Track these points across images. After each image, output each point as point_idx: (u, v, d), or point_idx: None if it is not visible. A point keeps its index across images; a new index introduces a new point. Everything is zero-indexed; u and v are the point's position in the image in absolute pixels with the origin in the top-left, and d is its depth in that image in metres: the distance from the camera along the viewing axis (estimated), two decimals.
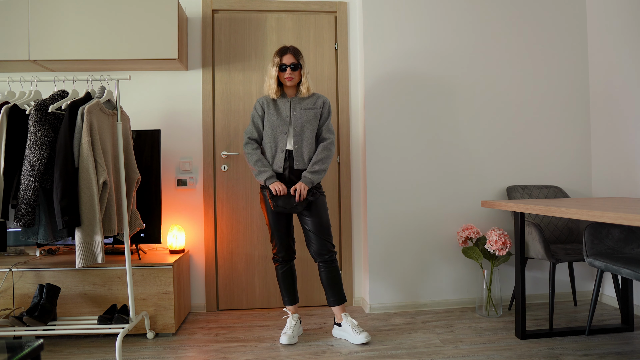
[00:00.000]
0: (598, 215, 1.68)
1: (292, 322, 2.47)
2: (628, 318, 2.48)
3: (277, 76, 2.42)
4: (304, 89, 2.44)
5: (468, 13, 3.06)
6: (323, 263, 2.42)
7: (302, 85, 2.44)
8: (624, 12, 2.85)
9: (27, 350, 0.95)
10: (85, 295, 2.48)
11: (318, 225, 2.40)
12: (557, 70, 3.14)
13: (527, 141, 3.11)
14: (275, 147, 2.43)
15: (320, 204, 2.42)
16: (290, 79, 2.40)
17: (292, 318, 2.48)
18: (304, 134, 2.42)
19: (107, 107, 2.37)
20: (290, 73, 2.40)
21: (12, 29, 2.61)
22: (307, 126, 2.43)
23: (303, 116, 2.43)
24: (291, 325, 2.45)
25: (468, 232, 2.82)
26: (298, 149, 2.42)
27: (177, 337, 2.52)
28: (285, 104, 2.45)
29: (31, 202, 2.07)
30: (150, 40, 2.67)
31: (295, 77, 2.42)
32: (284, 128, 2.42)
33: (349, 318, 2.44)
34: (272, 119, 2.43)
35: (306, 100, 2.46)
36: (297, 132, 2.42)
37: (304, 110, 2.44)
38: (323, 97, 2.51)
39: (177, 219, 3.01)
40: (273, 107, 2.46)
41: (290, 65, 2.39)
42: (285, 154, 2.41)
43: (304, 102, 2.46)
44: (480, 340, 2.40)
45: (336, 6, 3.11)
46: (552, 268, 2.52)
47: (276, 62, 2.41)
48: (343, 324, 2.44)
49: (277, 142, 2.42)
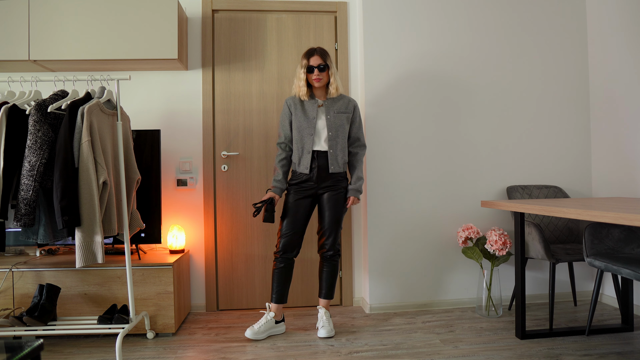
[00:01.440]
0: (598, 215, 1.68)
1: (264, 319, 2.47)
2: (628, 318, 2.48)
3: (305, 78, 2.48)
4: (333, 89, 2.49)
5: (468, 13, 3.06)
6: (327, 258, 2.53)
7: (331, 86, 2.49)
8: (624, 13, 2.85)
9: (27, 350, 0.95)
10: (85, 295, 2.48)
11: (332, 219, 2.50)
12: (557, 70, 3.14)
13: (527, 141, 3.11)
14: (302, 149, 2.48)
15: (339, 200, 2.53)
16: (318, 80, 2.45)
17: (267, 315, 2.48)
18: (339, 137, 2.49)
19: (107, 107, 2.37)
20: (318, 74, 2.45)
21: (12, 29, 2.61)
22: (340, 130, 2.50)
23: (337, 120, 2.49)
24: (261, 322, 2.46)
25: (468, 232, 2.82)
26: (333, 153, 2.48)
27: (177, 337, 2.52)
28: (312, 105, 2.50)
29: (31, 202, 2.07)
30: (150, 40, 2.67)
31: (323, 78, 2.47)
32: (310, 129, 2.47)
33: (322, 311, 2.54)
34: (299, 120, 2.49)
35: (338, 103, 2.52)
36: (332, 137, 2.48)
37: (337, 114, 2.50)
38: (354, 101, 2.60)
39: (177, 219, 3.01)
40: (301, 108, 2.51)
41: (318, 67, 2.44)
42: (312, 154, 2.47)
43: (336, 105, 2.51)
44: (480, 340, 2.40)
45: (336, 6, 3.11)
46: (552, 268, 2.52)
47: (304, 64, 2.46)
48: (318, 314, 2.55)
49: (303, 144, 2.48)
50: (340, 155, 2.50)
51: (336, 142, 2.49)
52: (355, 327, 2.65)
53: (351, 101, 2.57)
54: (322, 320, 2.51)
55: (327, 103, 2.51)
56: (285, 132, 2.54)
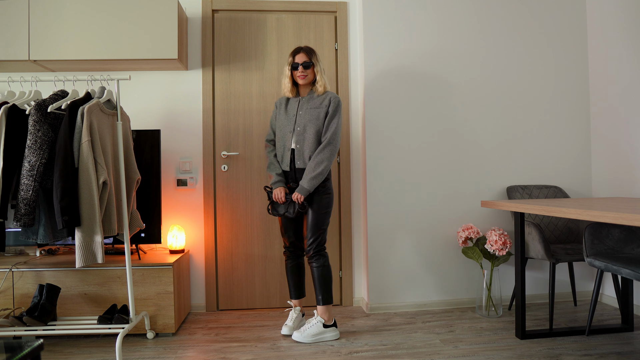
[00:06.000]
0: (598, 215, 1.68)
1: (294, 314, 2.58)
2: (628, 318, 2.48)
3: (290, 75, 2.49)
4: (320, 87, 2.48)
5: (468, 12, 3.06)
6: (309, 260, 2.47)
7: (318, 84, 2.48)
8: (624, 12, 2.85)
9: (27, 350, 0.95)
10: (85, 295, 2.48)
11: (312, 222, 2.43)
12: (557, 69, 3.14)
13: (527, 141, 3.11)
14: (283, 146, 2.50)
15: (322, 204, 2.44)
16: (302, 77, 2.46)
17: (294, 311, 2.59)
18: (306, 133, 2.44)
19: (107, 107, 2.37)
20: (302, 71, 2.45)
21: (12, 29, 2.61)
22: (309, 125, 2.43)
23: (307, 115, 2.46)
24: (292, 317, 2.58)
25: (468, 232, 2.82)
26: (299, 149, 2.44)
27: (177, 337, 2.52)
28: (294, 103, 2.51)
29: (31, 202, 2.07)
30: (151, 40, 2.67)
31: (308, 75, 2.47)
32: (290, 127, 2.47)
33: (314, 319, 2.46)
34: (281, 118, 2.52)
35: (315, 100, 2.49)
36: (299, 132, 2.45)
37: (309, 109, 2.47)
38: (333, 95, 2.46)
39: (177, 219, 3.01)
40: (284, 106, 2.54)
41: (302, 64, 2.44)
42: (290, 152, 2.46)
43: (312, 101, 2.49)
44: (480, 340, 2.40)
45: (336, 6, 3.11)
46: (552, 268, 2.52)
47: (289, 61, 2.49)
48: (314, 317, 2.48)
49: (284, 141, 2.49)
50: (307, 151, 2.42)
51: (303, 137, 2.43)
52: (355, 327, 2.65)
53: (328, 96, 2.45)
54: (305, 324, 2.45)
55: (304, 99, 2.50)
56: (274, 130, 2.59)
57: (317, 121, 2.43)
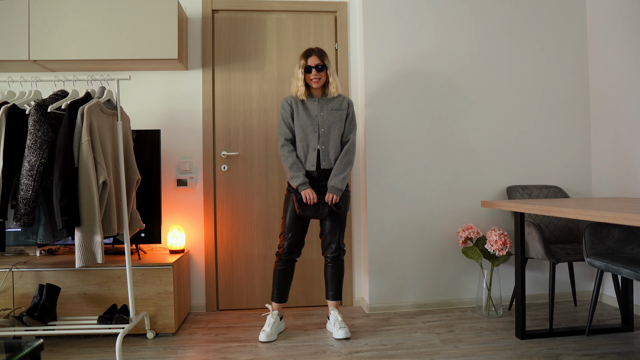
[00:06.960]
0: (598, 215, 1.68)
1: (272, 319, 2.51)
2: (628, 318, 2.48)
3: (303, 78, 2.47)
4: (333, 88, 2.49)
5: (468, 13, 3.06)
6: (332, 259, 2.53)
7: (331, 85, 2.49)
8: (624, 13, 2.85)
9: (27, 350, 0.95)
10: (85, 295, 2.48)
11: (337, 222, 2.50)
12: (557, 70, 3.14)
13: (527, 141, 3.11)
14: (307, 146, 2.49)
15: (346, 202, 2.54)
16: (316, 80, 2.46)
17: (272, 315, 2.53)
18: (331, 134, 2.48)
19: (107, 107, 2.37)
20: (316, 74, 2.45)
21: (12, 29, 2.61)
22: (333, 127, 2.48)
23: (330, 117, 2.48)
24: (270, 322, 2.50)
25: (468, 232, 2.82)
26: (325, 149, 2.47)
27: (177, 337, 2.52)
28: (313, 103, 2.51)
29: (30, 202, 2.07)
30: (151, 40, 2.67)
31: (321, 78, 2.47)
32: (314, 127, 2.47)
33: (336, 312, 2.54)
34: (301, 119, 2.49)
35: (333, 101, 2.52)
36: (324, 133, 2.47)
37: (330, 111, 2.49)
38: (348, 99, 2.57)
39: (177, 219, 3.01)
40: (302, 106, 2.51)
41: (316, 67, 2.44)
42: (317, 152, 2.48)
43: (330, 102, 2.51)
44: (480, 340, 2.40)
45: (336, 6, 3.11)
46: (552, 268, 2.52)
47: (302, 64, 2.46)
48: (330, 316, 2.55)
49: (308, 141, 2.48)
50: (332, 152, 2.48)
51: (328, 138, 2.47)
52: (355, 327, 2.65)
53: (346, 99, 2.56)
54: (338, 322, 2.49)
55: (322, 101, 2.51)
56: (291, 129, 2.50)
57: (340, 123, 2.50)
